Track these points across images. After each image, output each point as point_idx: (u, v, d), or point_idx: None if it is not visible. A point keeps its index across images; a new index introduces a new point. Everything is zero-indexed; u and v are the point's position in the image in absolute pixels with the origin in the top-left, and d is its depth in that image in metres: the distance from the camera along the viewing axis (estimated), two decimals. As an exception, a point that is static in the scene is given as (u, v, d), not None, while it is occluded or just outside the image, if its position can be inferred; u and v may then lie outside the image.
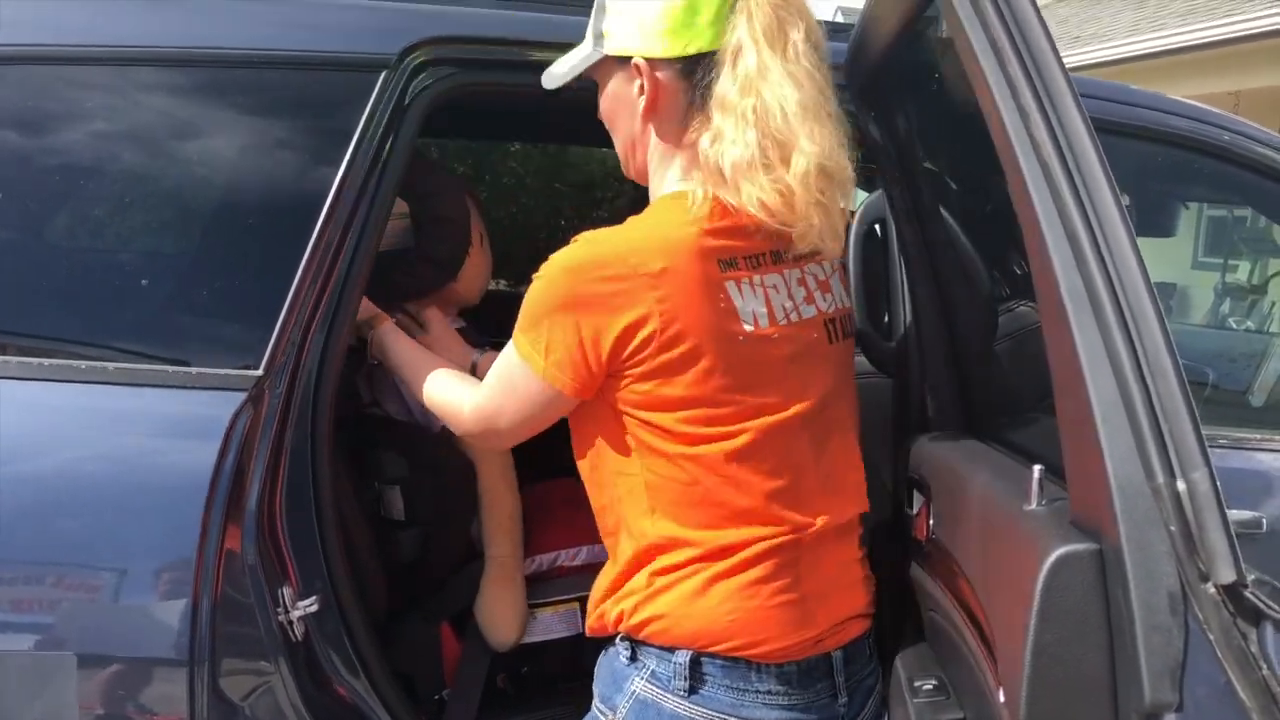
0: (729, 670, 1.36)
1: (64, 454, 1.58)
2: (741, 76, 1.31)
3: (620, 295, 1.29)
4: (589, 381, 1.35)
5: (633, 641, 1.41)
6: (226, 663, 1.54)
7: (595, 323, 1.30)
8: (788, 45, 1.32)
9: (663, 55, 1.36)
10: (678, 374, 1.30)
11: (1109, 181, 1.01)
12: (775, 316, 1.37)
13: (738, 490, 1.35)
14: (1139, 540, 0.96)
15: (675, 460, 1.35)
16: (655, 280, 1.28)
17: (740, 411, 1.33)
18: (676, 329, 1.28)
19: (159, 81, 1.71)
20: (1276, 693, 0.94)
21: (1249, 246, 8.11)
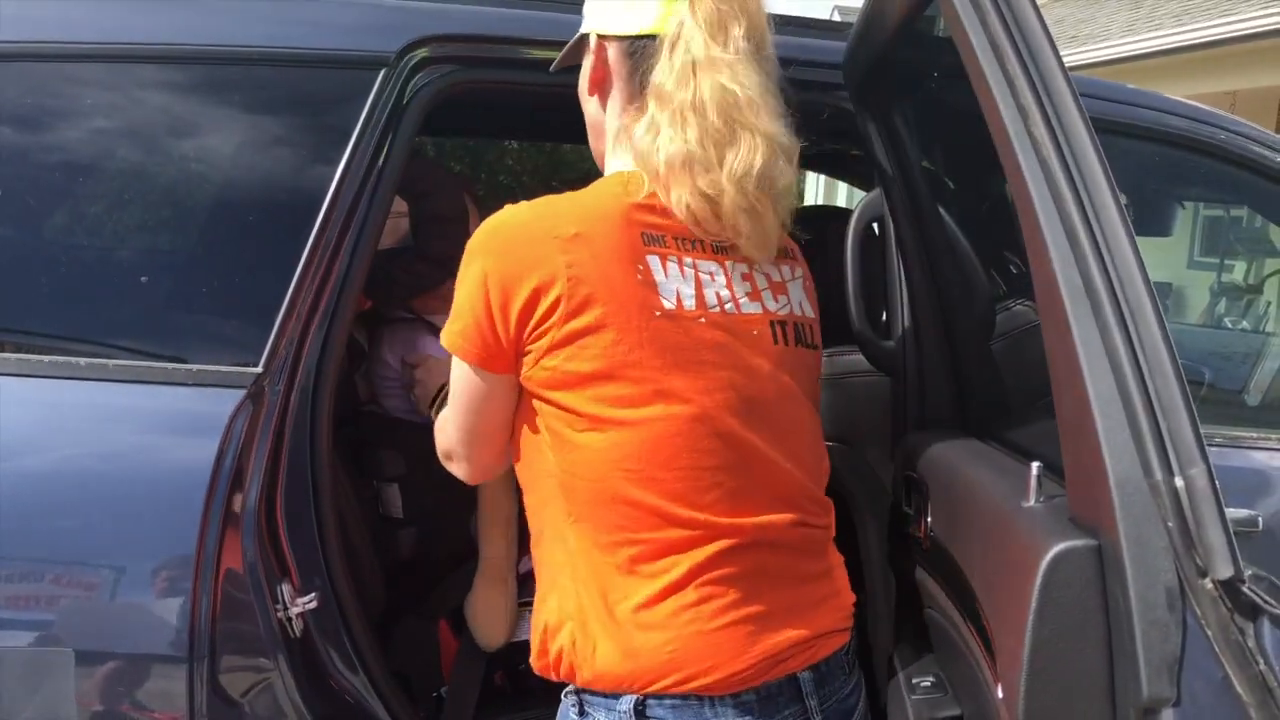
0: (680, 711, 1.24)
1: (63, 451, 1.58)
2: (679, 67, 1.28)
3: (529, 258, 1.24)
4: (497, 353, 1.28)
5: (579, 692, 1.31)
6: (226, 659, 1.54)
7: (504, 284, 1.25)
8: (728, 41, 1.28)
9: (609, 31, 1.35)
10: (585, 344, 1.23)
11: (1108, 180, 1.02)
12: (705, 301, 1.29)
13: (642, 487, 1.25)
14: (1137, 536, 0.97)
15: (584, 452, 1.26)
16: (566, 244, 1.24)
17: (649, 393, 1.24)
18: (585, 294, 1.22)
19: (158, 79, 1.71)
20: (1273, 687, 0.94)
21: (1245, 246, 8.14)
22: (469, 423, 1.38)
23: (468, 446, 1.41)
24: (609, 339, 1.23)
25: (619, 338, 1.23)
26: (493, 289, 1.26)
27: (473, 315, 1.28)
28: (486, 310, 1.27)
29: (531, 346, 1.26)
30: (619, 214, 1.27)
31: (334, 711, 1.68)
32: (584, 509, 1.28)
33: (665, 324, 1.25)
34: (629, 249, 1.26)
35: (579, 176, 7.52)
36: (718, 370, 1.28)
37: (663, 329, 1.25)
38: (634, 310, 1.24)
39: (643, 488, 1.25)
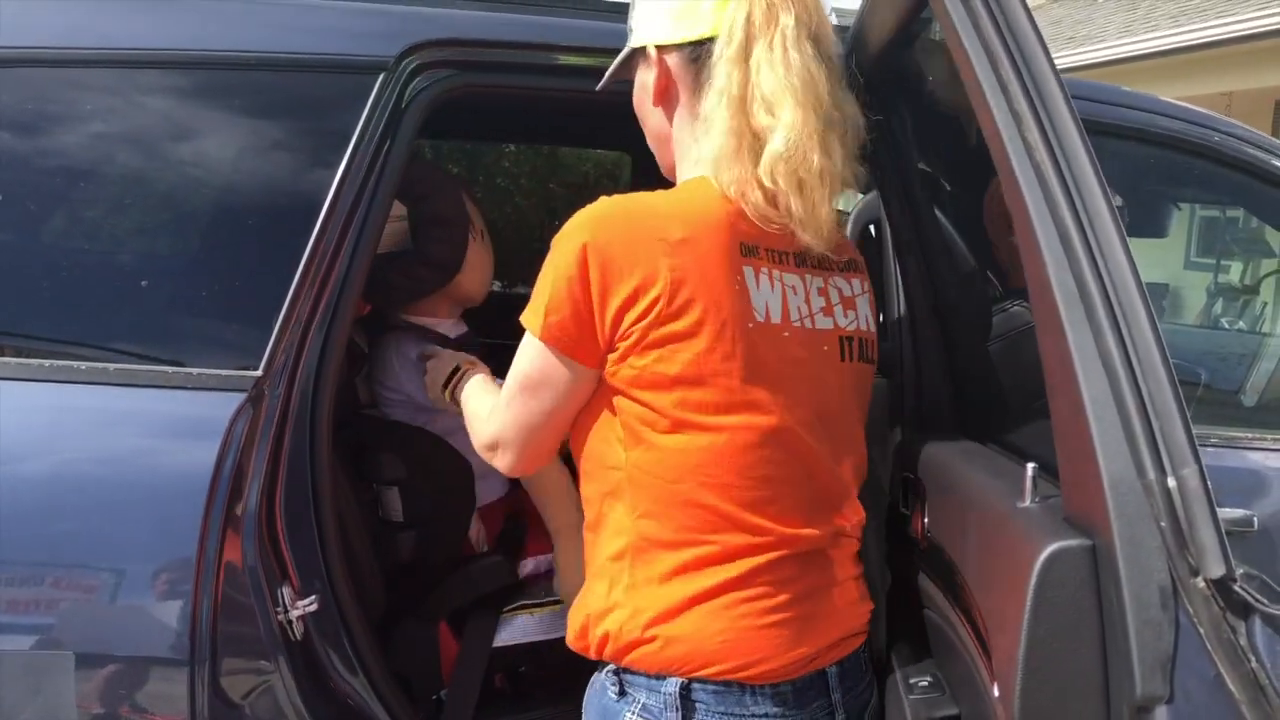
0: (722, 696, 1.29)
1: (64, 455, 1.59)
2: (729, 62, 1.30)
3: (634, 254, 1.24)
4: (591, 345, 1.29)
5: (619, 672, 1.34)
6: (226, 662, 1.55)
7: (605, 273, 1.24)
8: (775, 34, 1.30)
9: (669, 41, 1.37)
10: (679, 348, 1.25)
11: (1100, 183, 1.03)
12: (789, 315, 1.33)
13: (719, 494, 1.29)
14: (1131, 536, 0.98)
15: (662, 453, 1.29)
16: (673, 247, 1.25)
17: (735, 402, 1.27)
18: (685, 299, 1.24)
19: (159, 84, 1.71)
20: (1265, 685, 0.95)
21: (1241, 247, 8.15)
22: (532, 412, 1.37)
23: (522, 436, 1.40)
24: (703, 346, 1.25)
25: (712, 345, 1.25)
26: (594, 274, 1.25)
27: (569, 300, 1.27)
28: (585, 295, 1.26)
29: (621, 343, 1.27)
30: (724, 221, 1.29)
31: (335, 714, 1.69)
32: (654, 507, 1.31)
33: (755, 336, 1.28)
34: (729, 258, 1.28)
35: (577, 179, 7.53)
36: (796, 384, 1.32)
37: (753, 340, 1.28)
38: (729, 319, 1.26)
39: (718, 493, 1.29)
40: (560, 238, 1.29)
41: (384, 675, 1.76)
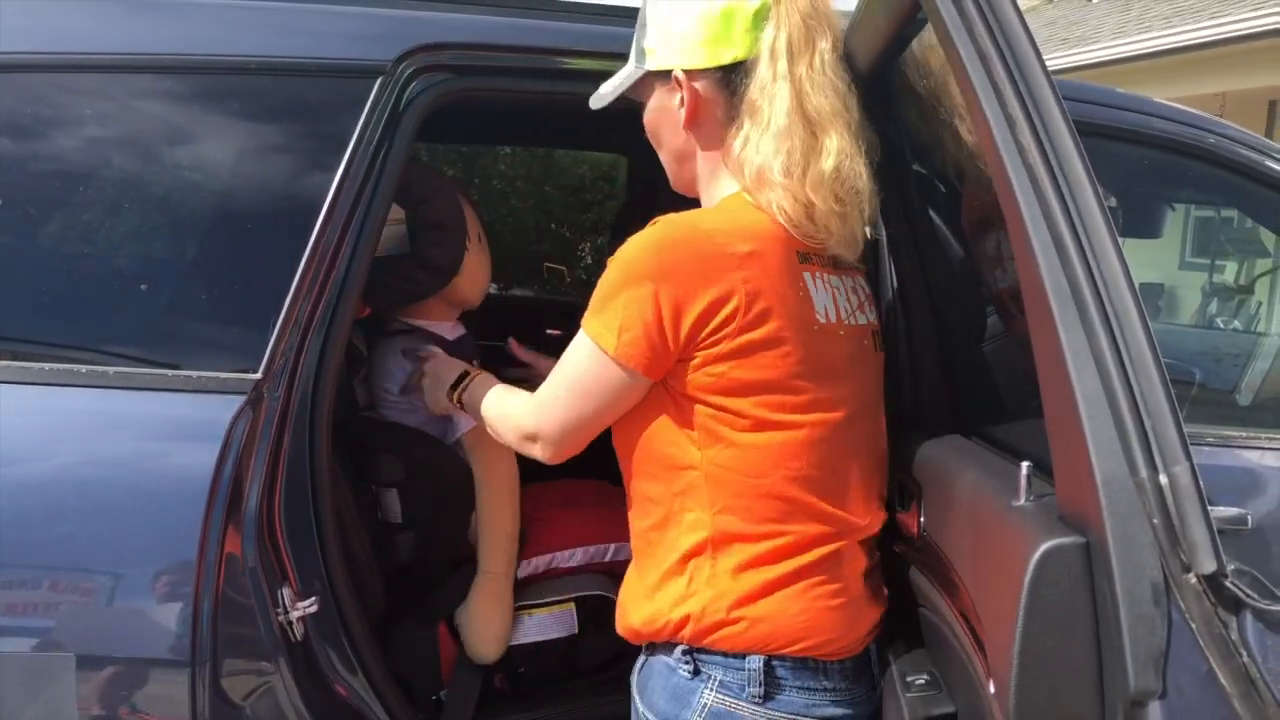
0: (799, 671, 1.38)
1: (65, 458, 1.59)
2: (768, 84, 1.36)
3: (705, 272, 1.30)
4: (663, 361, 1.34)
5: (693, 653, 1.40)
6: (228, 663, 1.56)
7: (677, 297, 1.31)
8: (814, 55, 1.37)
9: (700, 66, 1.40)
10: (758, 355, 1.32)
11: (1092, 184, 1.04)
12: (840, 314, 1.42)
13: (799, 486, 1.37)
14: (1123, 533, 0.99)
15: (743, 450, 1.36)
16: (742, 261, 1.31)
17: (808, 402, 1.36)
18: (760, 308, 1.31)
19: (158, 89, 1.72)
20: (1256, 679, 0.97)
21: (1236, 247, 8.17)
22: (580, 413, 1.42)
23: (566, 432, 1.45)
24: (781, 351, 1.33)
25: (789, 350, 1.33)
26: (665, 305, 1.31)
27: (641, 319, 1.32)
28: (658, 323, 1.32)
29: (699, 353, 1.34)
30: (780, 233, 1.37)
31: (335, 714, 1.70)
32: (734, 501, 1.37)
33: (820, 336, 1.37)
34: (792, 266, 1.36)
35: (573, 181, 7.55)
36: (852, 379, 1.43)
37: (818, 341, 1.37)
38: (800, 324, 1.35)
39: (798, 486, 1.37)
40: (627, 259, 1.34)
41: (384, 676, 1.77)
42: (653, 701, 1.44)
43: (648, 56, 1.45)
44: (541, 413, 1.47)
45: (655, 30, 1.44)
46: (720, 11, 1.38)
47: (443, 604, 2.16)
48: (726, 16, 1.38)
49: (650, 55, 1.45)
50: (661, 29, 1.43)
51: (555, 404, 1.44)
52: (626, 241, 1.36)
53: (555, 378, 1.44)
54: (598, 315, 1.36)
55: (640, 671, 1.49)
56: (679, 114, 1.44)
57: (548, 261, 7.30)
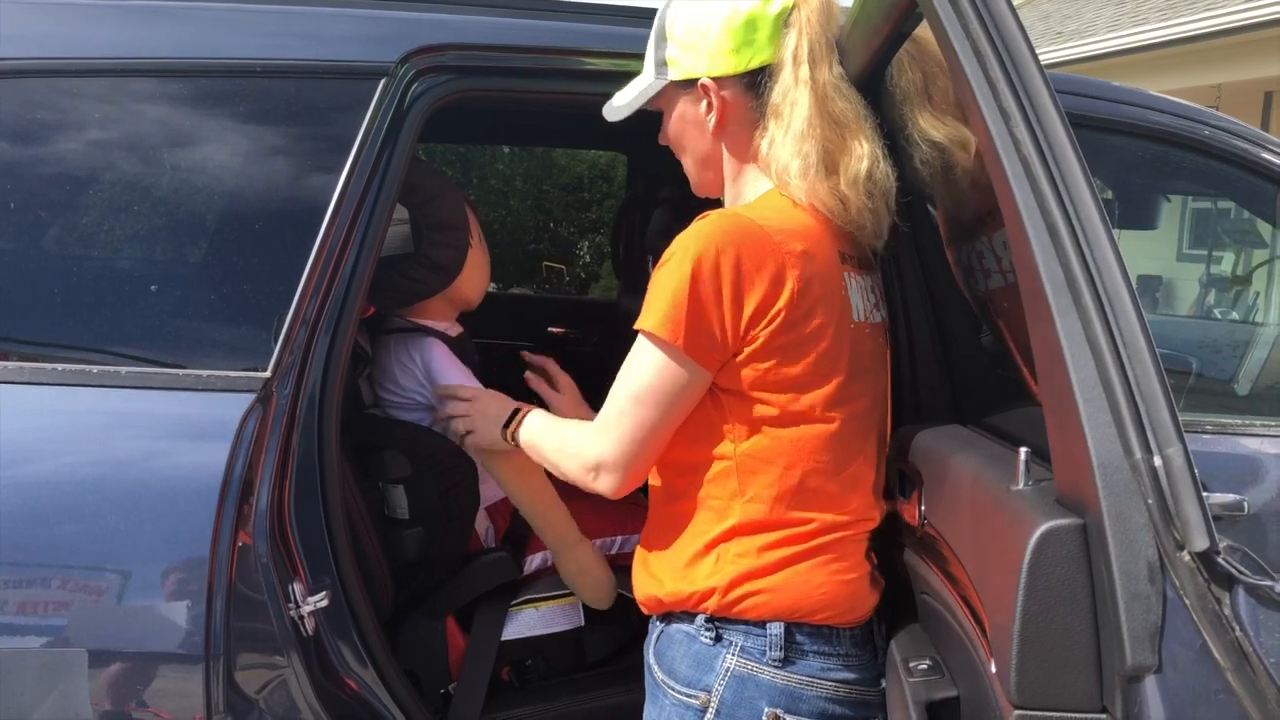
0: (815, 637, 1.45)
1: (78, 457, 1.61)
2: (790, 89, 1.41)
3: (762, 264, 1.35)
4: (722, 353, 1.38)
5: (716, 621, 1.46)
6: (241, 657, 1.58)
7: (738, 287, 1.35)
8: (833, 62, 1.42)
9: (726, 73, 1.45)
10: (803, 350, 1.38)
11: (1086, 176, 1.06)
12: (867, 313, 1.48)
13: (824, 476, 1.43)
14: (1119, 514, 1.02)
15: (776, 442, 1.41)
16: (797, 259, 1.36)
17: (840, 396, 1.42)
18: (808, 305, 1.36)
19: (167, 92, 1.75)
20: (1249, 653, 0.99)
21: (1233, 238, 8.18)
22: (647, 423, 1.42)
23: (635, 451, 1.44)
24: (823, 347, 1.39)
25: (829, 347, 1.39)
26: (727, 275, 1.34)
27: (698, 303, 1.35)
28: (716, 297, 1.35)
29: (746, 348, 1.38)
30: (827, 233, 1.43)
31: (346, 707, 1.71)
32: (764, 490, 1.43)
33: (855, 334, 1.44)
34: (836, 266, 1.42)
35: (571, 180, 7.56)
36: (875, 375, 1.50)
37: (854, 339, 1.43)
38: (842, 322, 1.41)
39: (823, 476, 1.43)
40: (683, 252, 1.36)
41: (393, 669, 1.79)
42: (673, 668, 1.49)
43: (670, 68, 1.49)
44: (604, 435, 1.46)
45: (677, 41, 1.48)
46: (744, 20, 1.43)
47: (451, 599, 2.18)
48: (750, 24, 1.43)
49: (673, 66, 1.49)
50: (684, 39, 1.48)
51: (619, 421, 1.44)
52: (678, 237, 1.38)
53: (615, 395, 1.45)
54: (657, 312, 1.37)
55: (657, 641, 1.54)
56: (706, 121, 1.48)
57: (547, 260, 7.32)
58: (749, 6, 1.43)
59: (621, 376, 1.44)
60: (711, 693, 1.44)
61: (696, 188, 1.60)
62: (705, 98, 1.47)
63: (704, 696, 1.45)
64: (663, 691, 1.50)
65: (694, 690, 1.46)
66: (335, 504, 1.71)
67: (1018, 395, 1.57)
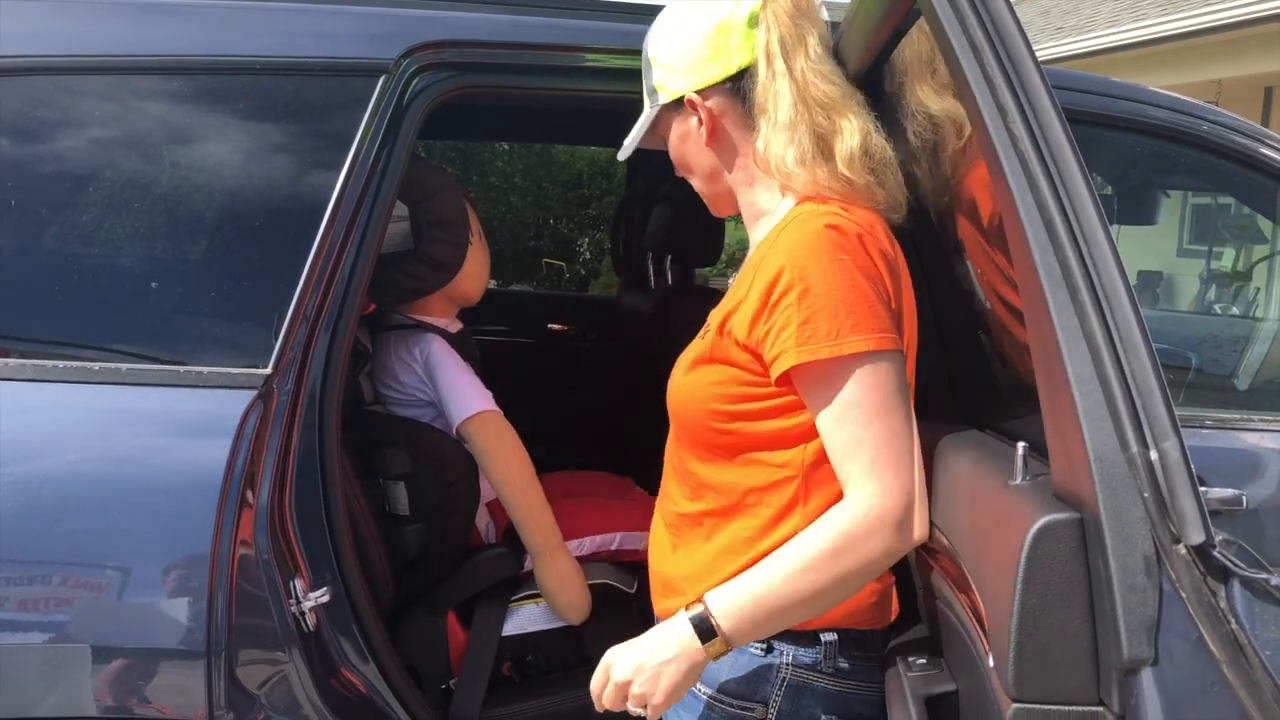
0: (861, 643, 1.45)
1: (80, 453, 1.62)
2: (772, 82, 1.40)
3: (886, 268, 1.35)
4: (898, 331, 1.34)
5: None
6: (242, 653, 1.59)
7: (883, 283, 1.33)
8: (807, 49, 1.41)
9: (708, 83, 1.45)
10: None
11: (1083, 171, 1.07)
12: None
13: None
14: (1116, 508, 1.02)
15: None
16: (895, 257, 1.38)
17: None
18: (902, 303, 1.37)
19: (167, 90, 1.75)
20: (1244, 645, 1.00)
21: (1233, 233, 8.18)
22: (901, 432, 1.30)
23: (904, 472, 1.30)
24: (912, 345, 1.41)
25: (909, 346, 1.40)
26: (882, 266, 1.33)
27: (879, 296, 1.30)
28: (885, 287, 1.33)
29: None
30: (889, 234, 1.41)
31: (347, 702, 1.72)
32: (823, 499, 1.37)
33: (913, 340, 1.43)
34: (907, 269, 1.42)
35: (570, 177, 7.56)
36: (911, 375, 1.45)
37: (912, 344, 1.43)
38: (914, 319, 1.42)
39: None
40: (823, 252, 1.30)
41: (394, 665, 1.80)
42: (720, 681, 1.45)
43: (659, 93, 1.50)
44: (877, 483, 1.28)
45: (659, 65, 1.49)
46: (715, 27, 1.43)
47: (452, 594, 2.19)
48: (722, 31, 1.43)
49: (661, 90, 1.49)
50: (664, 61, 1.48)
51: (895, 454, 1.29)
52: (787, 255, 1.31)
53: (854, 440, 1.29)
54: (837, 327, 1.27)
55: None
56: (699, 135, 1.48)
57: (547, 257, 7.33)
58: (719, 16, 1.43)
59: (844, 419, 1.29)
60: (769, 704, 1.43)
61: (713, 207, 1.58)
62: (695, 113, 1.47)
63: (760, 709, 1.43)
64: (708, 706, 1.46)
65: (749, 703, 1.43)
66: (336, 500, 1.71)
67: (1016, 391, 1.58)
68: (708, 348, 1.43)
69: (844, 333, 1.27)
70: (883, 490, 1.27)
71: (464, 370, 2.22)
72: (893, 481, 1.28)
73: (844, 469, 1.31)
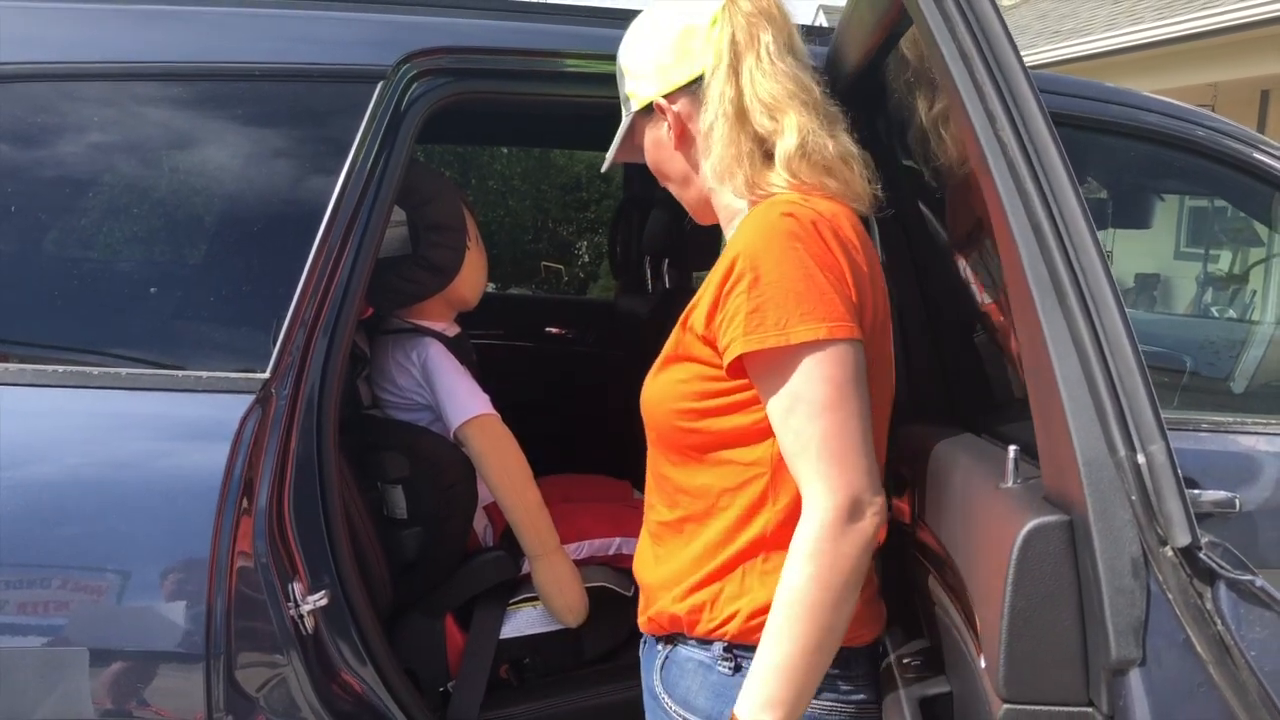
0: (843, 660, 1.36)
1: (79, 458, 1.63)
2: (722, 82, 1.39)
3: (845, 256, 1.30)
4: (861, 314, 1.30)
5: (734, 648, 1.38)
6: (241, 656, 1.59)
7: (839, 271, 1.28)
8: (760, 49, 1.39)
9: (673, 88, 1.44)
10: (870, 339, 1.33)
11: (1070, 178, 1.08)
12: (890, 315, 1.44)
13: None
14: (1104, 510, 1.03)
15: None
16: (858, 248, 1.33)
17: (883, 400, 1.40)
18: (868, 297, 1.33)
19: (166, 96, 1.76)
20: (1230, 646, 1.01)
21: (1230, 237, 8.20)
22: (865, 431, 1.28)
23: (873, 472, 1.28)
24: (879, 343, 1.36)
25: (881, 342, 1.37)
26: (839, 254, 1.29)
27: (834, 284, 1.27)
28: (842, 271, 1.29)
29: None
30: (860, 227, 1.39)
31: (346, 705, 1.73)
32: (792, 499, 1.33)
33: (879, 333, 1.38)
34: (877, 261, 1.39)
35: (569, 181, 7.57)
36: (890, 375, 1.44)
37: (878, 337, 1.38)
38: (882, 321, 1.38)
39: None
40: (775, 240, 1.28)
41: (393, 667, 1.81)
42: (688, 699, 1.41)
43: (631, 100, 1.50)
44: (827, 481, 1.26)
45: (629, 73, 1.49)
46: (680, 32, 1.43)
47: (449, 597, 2.20)
48: (686, 35, 1.42)
49: (633, 98, 1.49)
50: (634, 69, 1.48)
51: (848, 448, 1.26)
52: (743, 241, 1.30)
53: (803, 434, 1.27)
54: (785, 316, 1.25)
55: (663, 669, 1.46)
56: (669, 139, 1.47)
57: (545, 261, 7.34)
58: (684, 21, 1.43)
59: (793, 412, 1.27)
60: None
61: (695, 215, 1.56)
62: (664, 118, 1.46)
63: None
64: None
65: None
66: (334, 504, 1.72)
67: (1009, 396, 1.59)
68: (673, 346, 1.42)
69: (792, 321, 1.25)
70: (830, 491, 1.25)
71: (462, 374, 2.23)
72: (839, 480, 1.25)
73: (795, 468, 1.29)
